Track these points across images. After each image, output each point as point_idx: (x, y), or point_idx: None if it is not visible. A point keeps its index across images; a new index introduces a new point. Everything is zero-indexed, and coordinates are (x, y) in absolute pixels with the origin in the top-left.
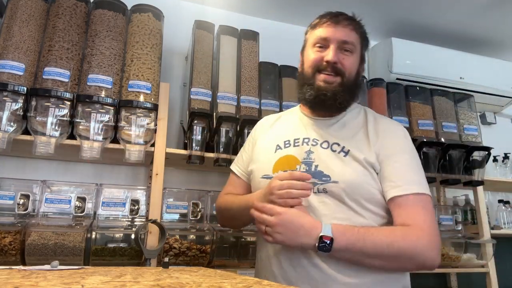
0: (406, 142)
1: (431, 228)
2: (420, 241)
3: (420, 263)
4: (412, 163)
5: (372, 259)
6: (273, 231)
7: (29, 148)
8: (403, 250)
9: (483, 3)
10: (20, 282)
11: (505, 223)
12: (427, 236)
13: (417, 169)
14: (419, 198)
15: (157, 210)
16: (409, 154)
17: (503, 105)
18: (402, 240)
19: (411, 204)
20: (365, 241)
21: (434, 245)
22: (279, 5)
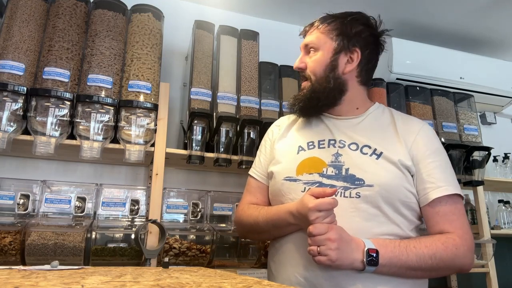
0: (438, 142)
1: (468, 233)
2: (460, 249)
3: (458, 268)
4: (448, 164)
5: (415, 271)
6: (326, 249)
7: (29, 148)
8: (444, 260)
9: (483, 3)
10: (20, 282)
11: (505, 223)
12: (465, 242)
13: (451, 170)
14: (457, 201)
15: (157, 210)
16: (444, 154)
17: (503, 105)
18: (444, 251)
19: (450, 209)
20: (408, 254)
21: (471, 249)
22: (279, 5)
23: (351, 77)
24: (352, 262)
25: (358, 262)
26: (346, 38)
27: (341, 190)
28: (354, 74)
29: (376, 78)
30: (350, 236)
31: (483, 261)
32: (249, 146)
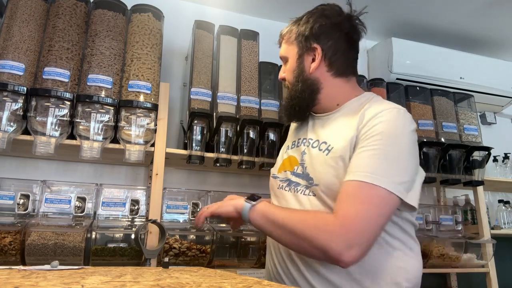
0: (388, 125)
1: (351, 219)
2: (329, 228)
3: (321, 248)
4: (382, 150)
5: (281, 230)
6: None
7: (29, 148)
8: (308, 229)
9: (483, 3)
10: (20, 282)
11: (505, 223)
12: (339, 226)
13: (385, 157)
14: (364, 188)
15: (157, 210)
16: (384, 139)
17: (503, 105)
18: (312, 219)
19: (350, 192)
20: (283, 211)
21: (345, 237)
22: (279, 5)
23: (322, 74)
24: (234, 204)
25: (240, 203)
26: (303, 39)
27: (303, 188)
28: (324, 70)
29: (376, 78)
30: None
31: (483, 261)
32: (249, 146)
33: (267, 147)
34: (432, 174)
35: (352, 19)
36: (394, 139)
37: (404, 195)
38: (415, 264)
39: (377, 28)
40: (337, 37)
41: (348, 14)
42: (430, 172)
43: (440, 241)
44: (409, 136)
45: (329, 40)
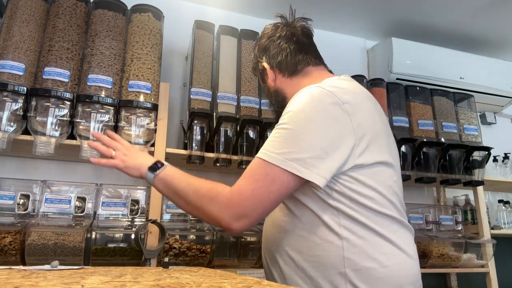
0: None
1: (245, 196)
2: (219, 198)
3: (214, 221)
4: (281, 130)
5: (180, 200)
6: (120, 154)
7: (29, 148)
8: (202, 199)
9: (483, 3)
10: (20, 282)
11: (505, 223)
12: (229, 199)
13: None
14: (252, 164)
15: (157, 210)
16: (288, 118)
17: (503, 105)
18: (207, 191)
19: (248, 168)
20: (182, 181)
21: (234, 211)
22: (279, 5)
23: (281, 82)
24: (139, 166)
25: (144, 167)
26: (256, 66)
27: None
28: (280, 77)
29: (376, 78)
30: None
31: (483, 261)
32: (249, 146)
33: None
34: (432, 174)
35: (284, 23)
36: (297, 116)
37: (300, 171)
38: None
39: (377, 28)
40: (274, 44)
41: (280, 23)
42: (430, 172)
43: (440, 241)
44: (318, 110)
45: (270, 51)
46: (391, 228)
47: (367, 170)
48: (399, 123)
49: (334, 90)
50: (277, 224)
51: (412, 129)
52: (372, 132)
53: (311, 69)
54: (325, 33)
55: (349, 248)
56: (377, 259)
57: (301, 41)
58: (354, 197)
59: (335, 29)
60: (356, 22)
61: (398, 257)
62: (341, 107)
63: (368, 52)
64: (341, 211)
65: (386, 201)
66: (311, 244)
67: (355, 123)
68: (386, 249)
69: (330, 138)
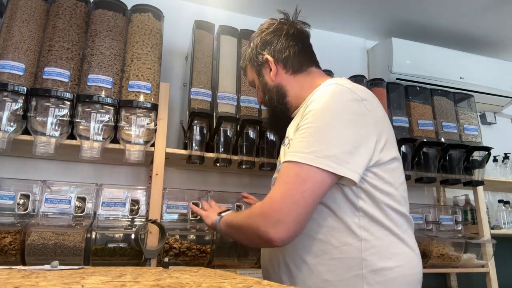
0: (318, 102)
1: (272, 199)
2: (255, 213)
3: (257, 236)
4: (310, 128)
5: (235, 230)
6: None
7: (29, 148)
8: (245, 222)
9: (483, 3)
10: (20, 282)
11: (505, 223)
12: (263, 209)
13: (312, 134)
14: (286, 169)
15: (157, 210)
16: (312, 116)
17: (503, 105)
18: (250, 212)
19: (279, 176)
20: (236, 216)
21: (269, 218)
22: (279, 5)
23: (282, 78)
24: (212, 216)
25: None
26: (254, 57)
27: None
28: (283, 73)
29: (376, 78)
30: None
31: (483, 261)
32: (249, 146)
33: (267, 147)
34: (432, 174)
35: (289, 20)
36: (322, 114)
37: (333, 167)
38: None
39: (377, 28)
40: (280, 40)
41: (282, 19)
42: (430, 172)
43: (440, 241)
44: (342, 106)
45: (275, 45)
46: (403, 226)
47: (386, 167)
48: (399, 123)
49: (353, 87)
50: None
51: (412, 129)
52: (386, 128)
53: (313, 70)
54: (325, 33)
55: (367, 249)
56: (392, 259)
57: (306, 43)
58: (376, 195)
59: (335, 29)
60: (356, 22)
61: (409, 255)
62: (361, 104)
63: (368, 52)
64: (363, 211)
65: (401, 197)
66: (328, 247)
67: (374, 119)
68: (400, 248)
69: (356, 134)
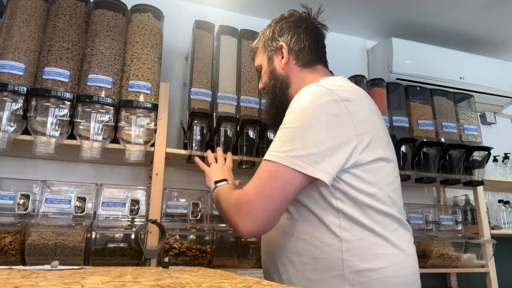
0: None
1: (247, 193)
2: (230, 203)
3: (229, 222)
4: (284, 129)
5: (220, 210)
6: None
7: (29, 148)
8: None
9: (483, 3)
10: (20, 282)
11: (505, 223)
12: (239, 199)
13: (288, 134)
14: (264, 166)
15: (157, 210)
16: (290, 117)
17: (503, 105)
18: (227, 198)
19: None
20: (225, 191)
21: (239, 211)
22: (279, 5)
23: (291, 69)
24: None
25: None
26: (269, 41)
27: None
28: (293, 64)
29: (376, 78)
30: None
31: (483, 261)
32: (249, 146)
33: (267, 147)
34: (432, 174)
35: (311, 17)
36: (299, 114)
37: (303, 167)
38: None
39: (377, 28)
40: (299, 32)
41: (305, 13)
42: (430, 172)
43: (440, 241)
44: (319, 107)
45: (293, 35)
46: (390, 227)
47: (368, 167)
48: (399, 123)
49: (333, 88)
50: (277, 228)
51: (412, 129)
52: (372, 129)
53: (319, 68)
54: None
55: (348, 249)
56: (375, 260)
57: (321, 42)
58: (355, 196)
59: (335, 29)
60: (356, 22)
61: (397, 257)
62: (341, 105)
63: (368, 52)
64: (342, 212)
65: (387, 197)
66: (311, 247)
67: (355, 120)
68: (385, 249)
69: (332, 135)
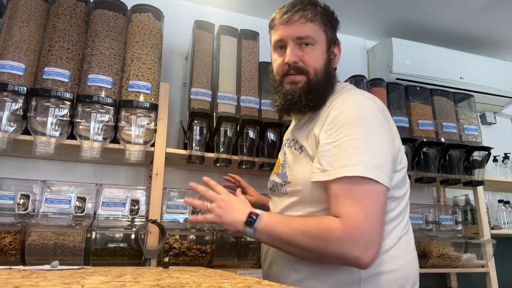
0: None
1: (361, 220)
2: (334, 234)
3: (338, 257)
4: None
5: (289, 246)
6: (216, 207)
7: (29, 148)
8: (315, 240)
9: (483, 3)
10: (20, 282)
11: (505, 223)
12: (346, 232)
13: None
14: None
15: (157, 210)
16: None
17: (503, 105)
18: (315, 230)
19: (339, 192)
20: (284, 225)
21: (353, 239)
22: (279, 5)
23: (334, 71)
24: (233, 223)
25: (240, 223)
26: (333, 31)
27: (279, 187)
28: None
29: (376, 78)
30: (244, 203)
31: (483, 261)
32: (249, 146)
33: (267, 147)
34: (432, 174)
35: None
36: (360, 125)
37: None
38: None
39: (377, 28)
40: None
41: None
42: (430, 172)
43: (440, 241)
44: (373, 116)
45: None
46: (406, 229)
47: (400, 173)
48: (399, 123)
49: (373, 98)
50: None
51: (412, 129)
52: (398, 135)
53: None
54: None
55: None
56: (392, 262)
57: None
58: None
59: None
60: (356, 22)
61: (407, 258)
62: (384, 113)
63: (368, 52)
64: None
65: (408, 202)
66: None
67: (393, 128)
68: (399, 251)
69: (387, 143)
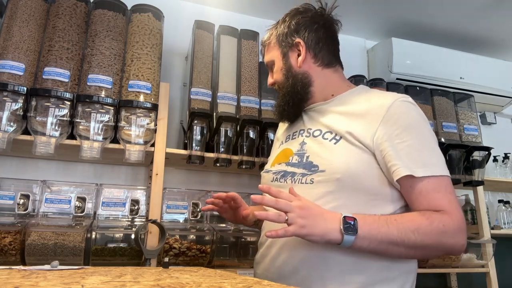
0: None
1: (458, 211)
2: (449, 227)
3: (447, 249)
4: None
5: (398, 247)
6: (296, 216)
7: (29, 148)
8: (429, 236)
9: (483, 3)
10: (20, 282)
11: (505, 223)
12: (456, 224)
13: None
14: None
15: (157, 210)
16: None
17: (503, 105)
18: (429, 226)
19: (431, 188)
20: (389, 227)
21: (462, 229)
22: (279, 5)
23: (310, 66)
24: (325, 233)
25: (335, 231)
26: (284, 37)
27: (299, 176)
28: (311, 62)
29: (376, 78)
30: (322, 208)
31: (483, 261)
32: (249, 146)
33: (267, 147)
34: None
35: (326, 13)
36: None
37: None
38: None
39: (377, 28)
40: (316, 28)
41: (321, 8)
42: None
43: None
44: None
45: (309, 32)
46: None
47: None
48: None
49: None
50: None
51: None
52: None
53: (339, 69)
54: None
55: None
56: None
57: (337, 41)
58: None
59: None
60: (356, 22)
61: None
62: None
63: (368, 52)
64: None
65: None
66: None
67: None
68: None
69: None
